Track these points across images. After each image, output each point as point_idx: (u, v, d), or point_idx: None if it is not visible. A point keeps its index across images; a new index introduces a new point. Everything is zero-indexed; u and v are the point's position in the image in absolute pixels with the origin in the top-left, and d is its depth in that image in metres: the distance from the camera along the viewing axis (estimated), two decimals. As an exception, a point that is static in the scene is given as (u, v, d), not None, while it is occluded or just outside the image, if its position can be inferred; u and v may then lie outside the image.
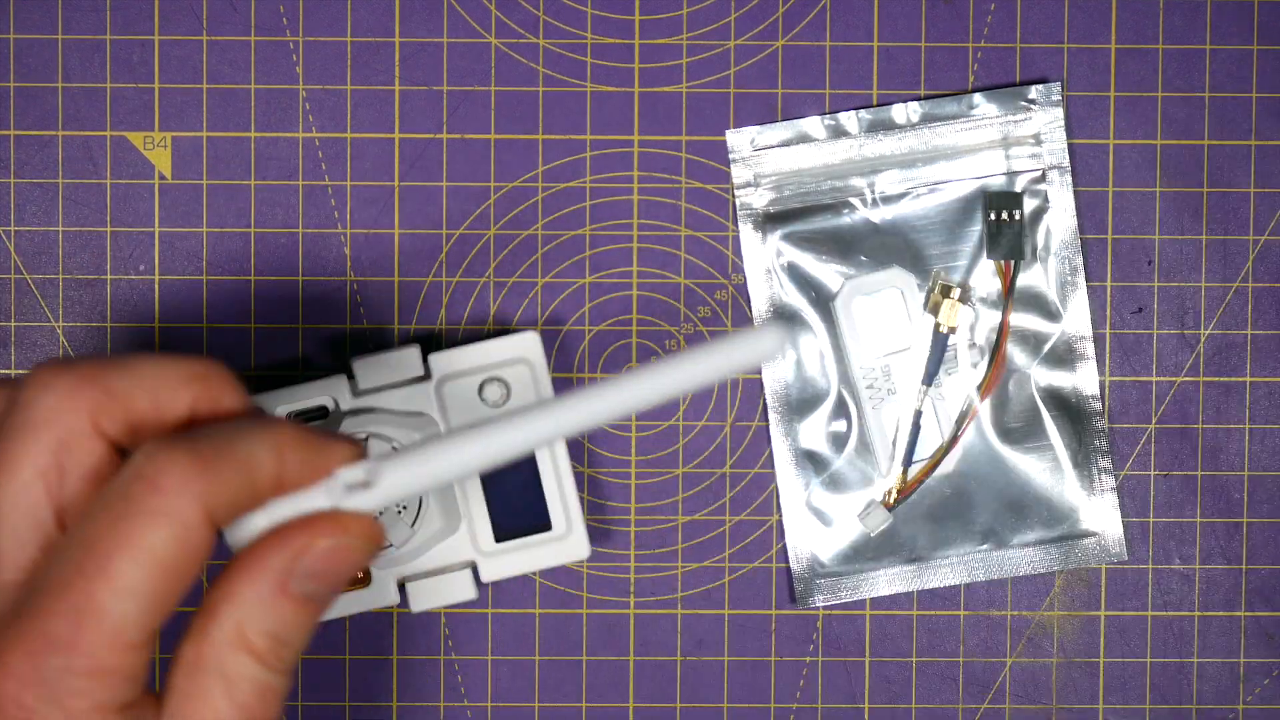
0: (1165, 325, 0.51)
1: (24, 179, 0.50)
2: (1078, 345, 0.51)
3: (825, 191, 0.50)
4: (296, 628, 0.40)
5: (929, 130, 0.50)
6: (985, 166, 0.50)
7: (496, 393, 0.47)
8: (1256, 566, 0.51)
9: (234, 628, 0.39)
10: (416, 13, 0.51)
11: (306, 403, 0.47)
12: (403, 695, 0.51)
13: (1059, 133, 0.50)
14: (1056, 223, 0.50)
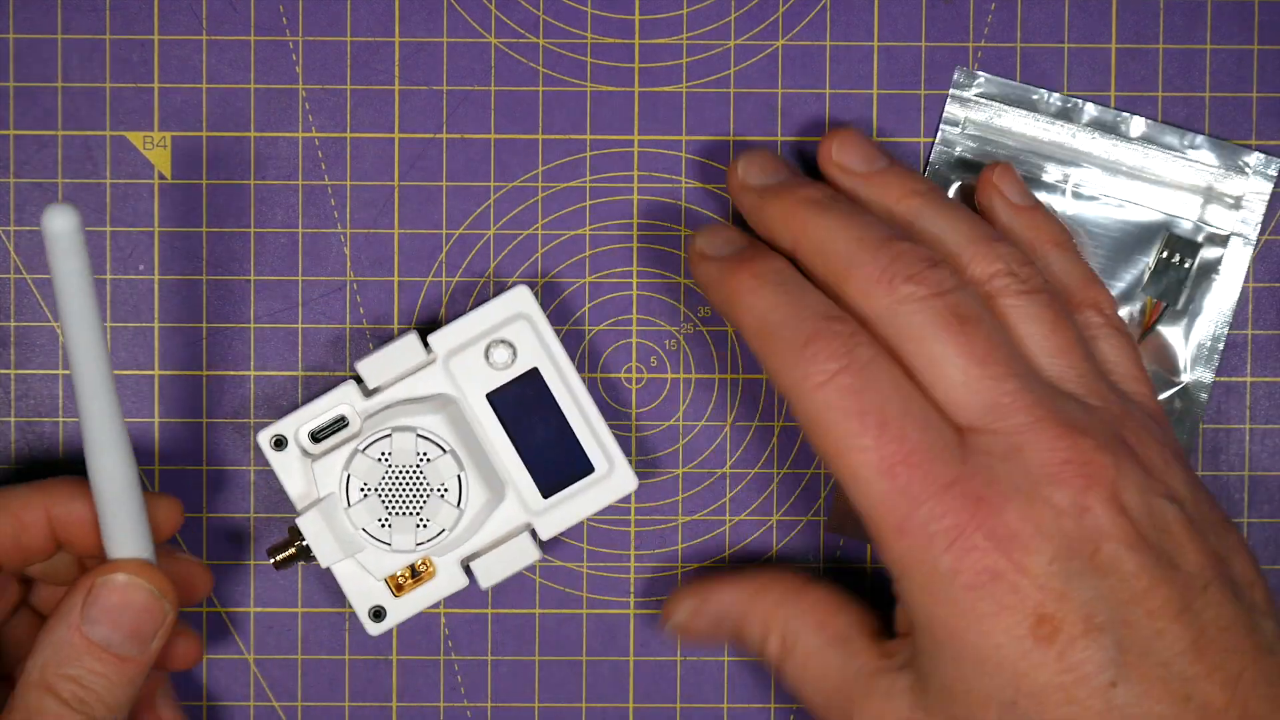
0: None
1: (24, 179, 0.50)
2: (1189, 407, 0.50)
3: (1022, 162, 0.50)
4: (98, 675, 0.42)
5: (1143, 150, 0.50)
6: (1178, 206, 0.50)
7: (503, 355, 0.46)
8: (1256, 566, 0.51)
9: (39, 668, 0.42)
10: (416, 13, 0.51)
11: (322, 419, 0.46)
12: (403, 695, 0.51)
13: (1260, 205, 0.50)
14: (1219, 288, 0.50)
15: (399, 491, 0.45)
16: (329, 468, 0.45)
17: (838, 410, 0.40)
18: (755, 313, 0.42)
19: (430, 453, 0.45)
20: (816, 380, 0.40)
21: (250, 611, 0.51)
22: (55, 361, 0.50)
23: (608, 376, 0.51)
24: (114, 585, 0.42)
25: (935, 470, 0.39)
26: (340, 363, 0.50)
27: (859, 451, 0.39)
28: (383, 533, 0.45)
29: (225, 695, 0.51)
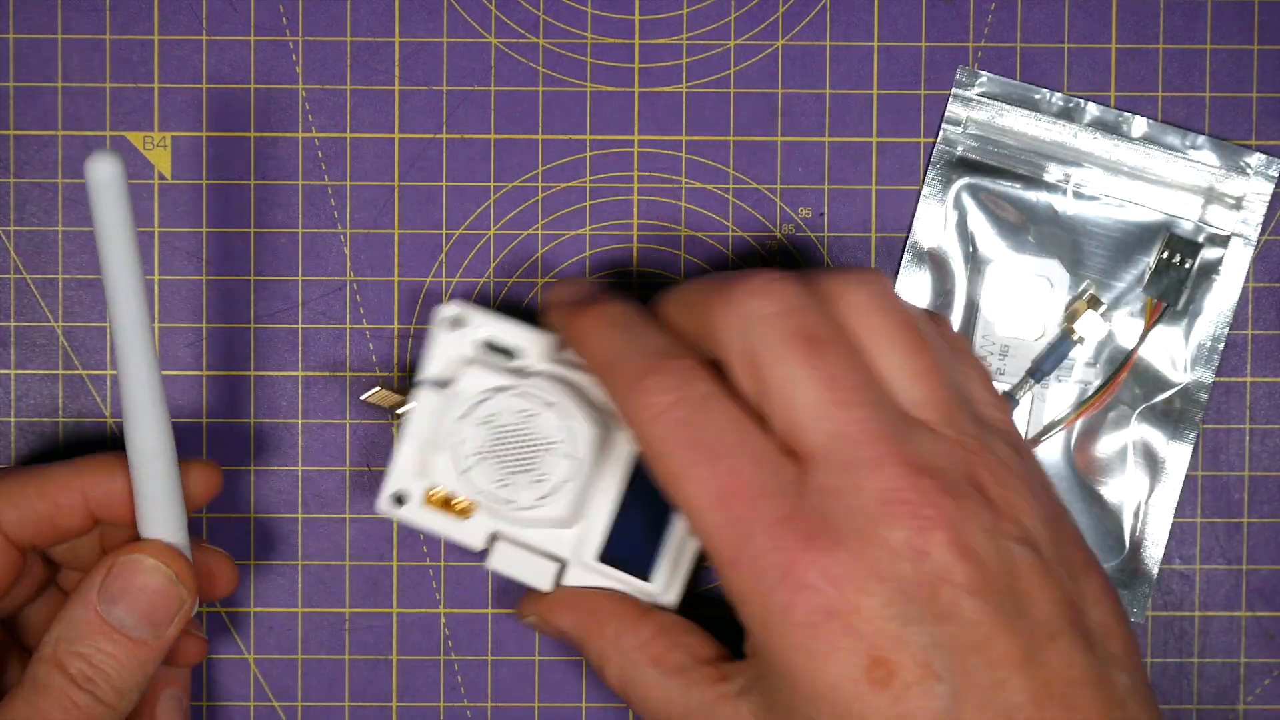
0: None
1: (24, 179, 0.50)
2: (1188, 408, 0.50)
3: (1024, 161, 0.50)
4: (108, 655, 0.42)
5: (1144, 150, 0.50)
6: (1180, 206, 0.50)
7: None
8: (1256, 566, 0.51)
9: (53, 643, 0.42)
10: (416, 13, 0.50)
11: (509, 338, 0.45)
12: (403, 695, 0.51)
13: (1260, 206, 0.50)
14: (1219, 288, 0.50)
15: (510, 448, 0.44)
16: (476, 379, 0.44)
17: (672, 441, 0.39)
18: (596, 349, 0.42)
19: (556, 445, 0.44)
20: (652, 411, 0.39)
21: (250, 611, 0.51)
22: (55, 362, 0.50)
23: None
24: (133, 566, 0.42)
25: (768, 504, 0.38)
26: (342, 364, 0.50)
27: (692, 482, 0.39)
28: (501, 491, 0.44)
29: (225, 695, 0.51)
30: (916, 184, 0.51)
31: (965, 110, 0.50)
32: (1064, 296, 0.50)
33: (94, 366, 0.50)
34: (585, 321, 0.43)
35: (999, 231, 0.50)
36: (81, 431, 0.50)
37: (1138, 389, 0.50)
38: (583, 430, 0.44)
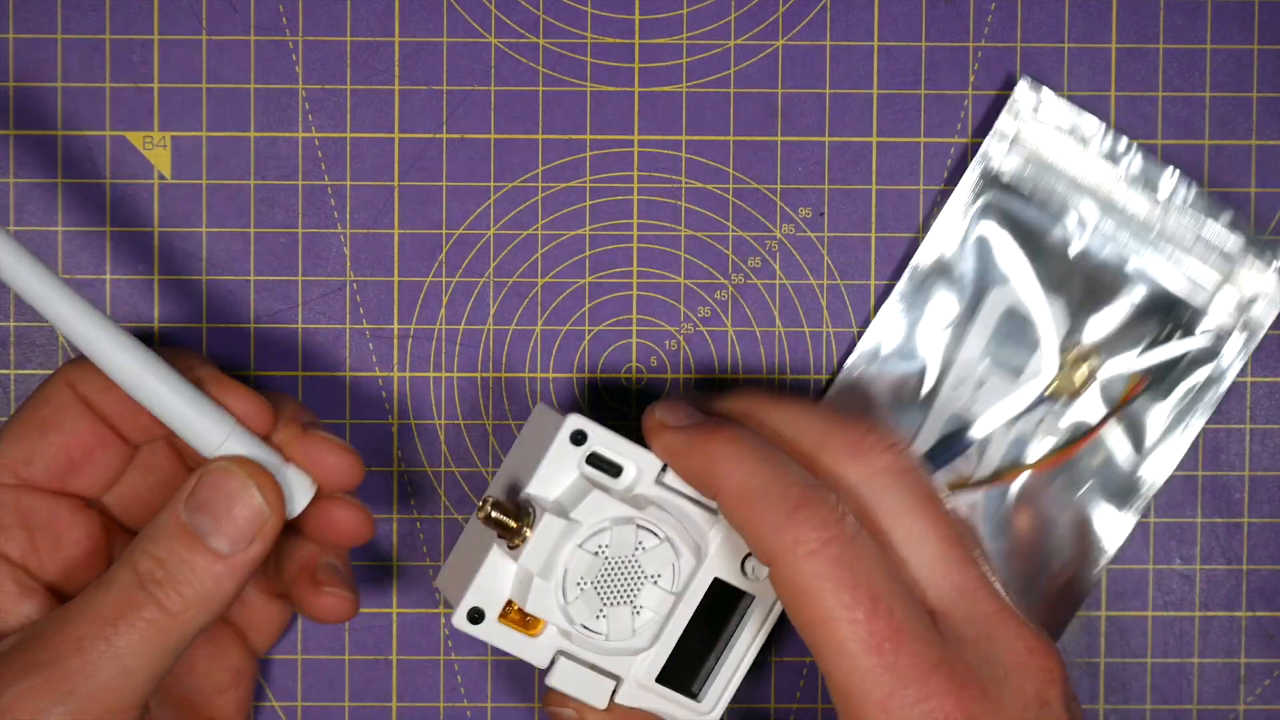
0: (1165, 325, 0.51)
1: (24, 179, 0.50)
2: (1136, 493, 0.50)
3: (1058, 195, 0.50)
4: (181, 561, 0.40)
5: (1177, 216, 0.49)
6: (1192, 288, 0.50)
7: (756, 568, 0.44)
8: (1256, 566, 0.51)
9: (132, 544, 0.41)
10: (416, 13, 0.50)
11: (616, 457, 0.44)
12: (403, 695, 0.51)
13: (1271, 310, 0.50)
14: (1207, 381, 0.50)
15: (615, 581, 0.43)
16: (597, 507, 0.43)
17: (829, 580, 0.39)
18: (736, 478, 0.41)
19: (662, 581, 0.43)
20: (808, 548, 0.39)
21: (250, 611, 0.51)
22: (55, 361, 0.50)
23: (608, 376, 0.51)
24: (221, 475, 0.41)
25: (921, 650, 0.39)
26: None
27: (849, 624, 0.39)
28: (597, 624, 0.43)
29: (225, 695, 0.51)
30: (917, 184, 0.51)
31: (1016, 125, 0.50)
32: (1056, 343, 0.50)
33: (94, 366, 0.50)
34: (718, 448, 0.42)
35: (1012, 257, 0.50)
36: (81, 431, 0.50)
37: (1095, 459, 0.50)
38: (687, 566, 0.43)
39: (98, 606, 0.40)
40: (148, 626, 0.40)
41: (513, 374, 0.51)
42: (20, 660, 0.40)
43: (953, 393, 0.49)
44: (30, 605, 0.42)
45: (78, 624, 0.40)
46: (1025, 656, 0.40)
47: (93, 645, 0.39)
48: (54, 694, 0.39)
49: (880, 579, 0.39)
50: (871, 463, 0.42)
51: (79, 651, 0.39)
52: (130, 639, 0.40)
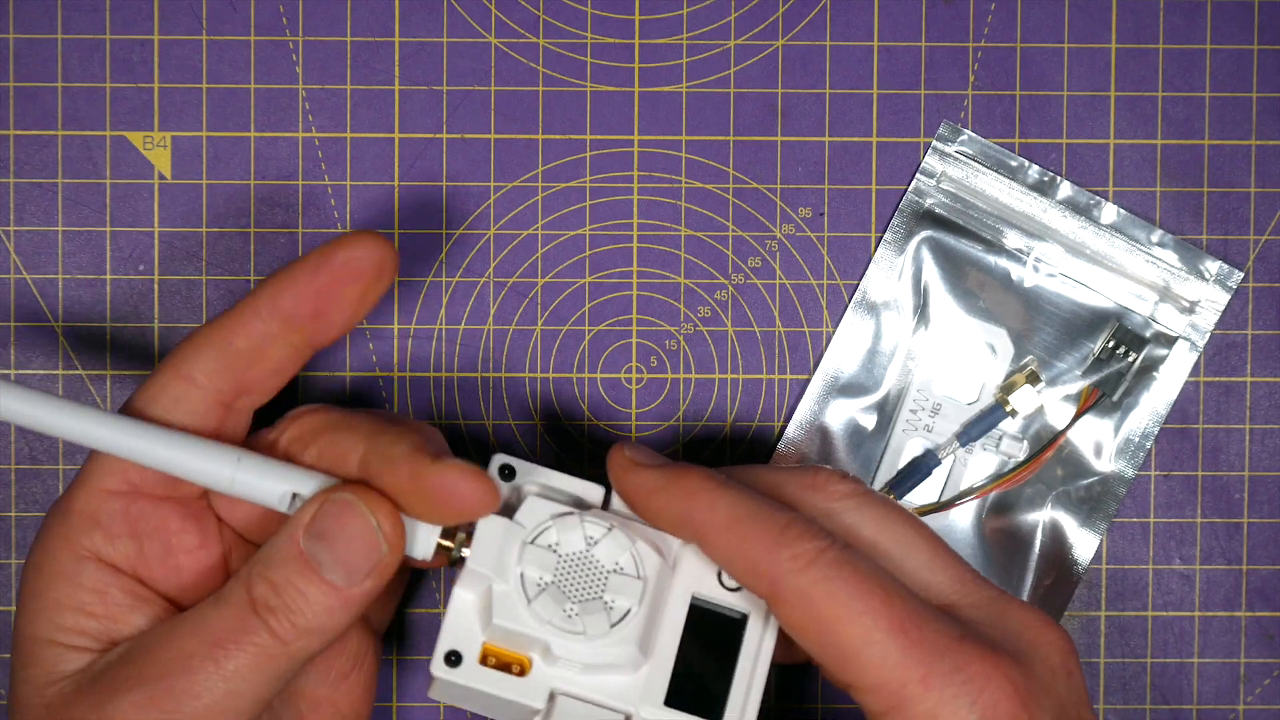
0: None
1: (24, 179, 0.50)
2: (1105, 499, 0.50)
3: (989, 226, 0.50)
4: (296, 590, 0.40)
5: (1109, 237, 0.50)
6: (1134, 299, 0.50)
7: (735, 581, 0.43)
8: (1256, 566, 0.51)
9: (250, 563, 0.41)
10: (416, 13, 0.51)
11: (568, 490, 0.44)
12: (403, 695, 0.51)
13: (1212, 315, 0.50)
14: (1156, 387, 0.50)
15: (576, 577, 0.42)
16: (536, 508, 0.42)
17: (835, 581, 0.39)
18: (721, 509, 0.41)
19: (625, 570, 0.42)
20: (807, 558, 0.39)
21: (250, 611, 0.51)
22: (55, 362, 0.50)
23: (608, 376, 0.51)
24: (342, 507, 0.40)
25: (942, 627, 0.39)
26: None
27: (867, 615, 0.39)
28: (571, 623, 0.42)
29: (225, 695, 0.51)
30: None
31: (941, 164, 0.50)
32: (1005, 366, 0.50)
33: (94, 366, 0.50)
34: (696, 482, 0.42)
35: (952, 290, 0.50)
36: (81, 431, 0.50)
37: (1059, 471, 0.50)
38: (648, 554, 0.42)
39: (208, 626, 0.40)
40: (258, 652, 0.39)
41: (513, 374, 0.51)
42: (127, 673, 0.39)
43: (910, 419, 0.50)
44: (141, 616, 0.41)
45: (186, 642, 0.39)
46: (1040, 632, 0.41)
47: (201, 666, 0.39)
48: (158, 711, 0.39)
49: (883, 574, 0.40)
50: (831, 493, 0.42)
51: (186, 671, 0.39)
52: (239, 663, 0.39)
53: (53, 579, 0.41)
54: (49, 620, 0.41)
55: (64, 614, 0.41)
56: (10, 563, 0.51)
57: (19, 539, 0.50)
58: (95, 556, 0.41)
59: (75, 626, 0.41)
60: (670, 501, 0.42)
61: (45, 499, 0.50)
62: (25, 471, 0.50)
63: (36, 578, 0.42)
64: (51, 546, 0.42)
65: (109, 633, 0.41)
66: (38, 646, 0.41)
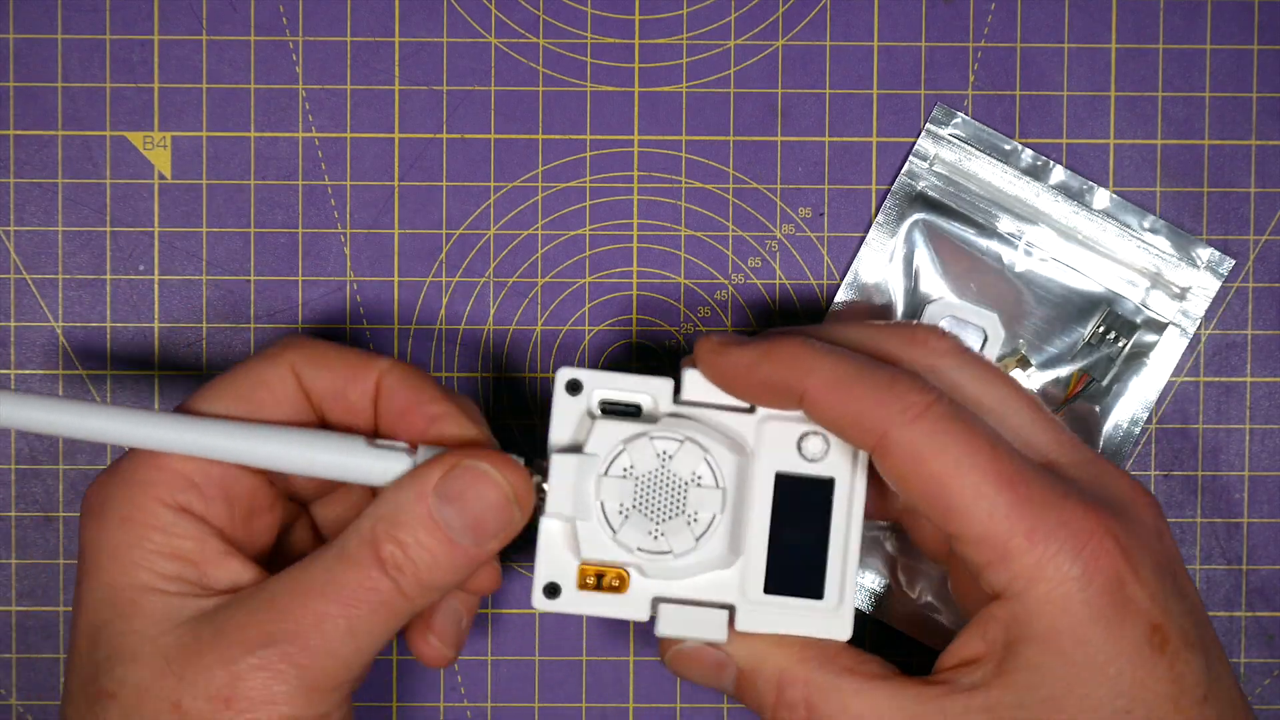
0: (1165, 325, 0.51)
1: (24, 179, 0.50)
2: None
3: (982, 210, 0.50)
4: (425, 550, 0.41)
5: (1101, 222, 0.50)
6: (1125, 285, 0.50)
7: (815, 448, 0.43)
8: (1256, 566, 0.51)
9: (372, 521, 0.41)
10: (416, 13, 0.51)
11: (626, 395, 0.43)
12: (403, 695, 0.51)
13: (1203, 303, 0.50)
14: (1146, 373, 0.50)
15: (655, 496, 0.43)
16: (606, 434, 0.43)
17: (945, 434, 0.40)
18: (824, 369, 0.41)
19: (703, 480, 0.43)
20: (916, 410, 0.40)
21: (250, 611, 0.51)
22: (55, 362, 0.50)
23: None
24: (477, 473, 0.41)
25: (1047, 484, 0.40)
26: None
27: (977, 469, 0.39)
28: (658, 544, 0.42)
29: (225, 695, 0.51)
30: (916, 184, 0.51)
31: (935, 147, 0.50)
32: (996, 350, 0.50)
33: (94, 366, 0.50)
34: (796, 348, 0.42)
35: (944, 273, 0.50)
36: (81, 431, 0.50)
37: None
38: (725, 457, 0.43)
39: (340, 584, 0.40)
40: (385, 609, 0.40)
41: (513, 374, 0.51)
42: (257, 628, 0.40)
43: None
44: (235, 566, 0.42)
45: (319, 601, 0.40)
46: (1135, 494, 0.41)
47: (334, 623, 0.40)
48: (292, 667, 0.40)
49: (990, 429, 0.40)
50: (933, 348, 0.42)
51: (319, 629, 0.40)
52: (369, 620, 0.40)
53: (147, 530, 0.41)
54: (149, 569, 0.41)
55: (163, 562, 0.41)
56: (10, 563, 0.51)
57: (19, 539, 0.51)
58: (190, 511, 0.42)
59: (176, 574, 0.41)
60: (772, 371, 0.42)
61: (45, 499, 0.50)
62: (25, 471, 0.50)
63: (128, 530, 0.41)
64: (141, 499, 0.42)
65: (205, 580, 0.42)
66: (141, 595, 0.41)
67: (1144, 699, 0.39)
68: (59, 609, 0.51)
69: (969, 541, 0.40)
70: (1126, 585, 0.39)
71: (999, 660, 0.40)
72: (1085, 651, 0.39)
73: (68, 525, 0.51)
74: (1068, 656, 0.39)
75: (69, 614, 0.50)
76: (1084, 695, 0.39)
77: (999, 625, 0.40)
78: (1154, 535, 0.41)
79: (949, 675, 0.41)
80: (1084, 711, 0.39)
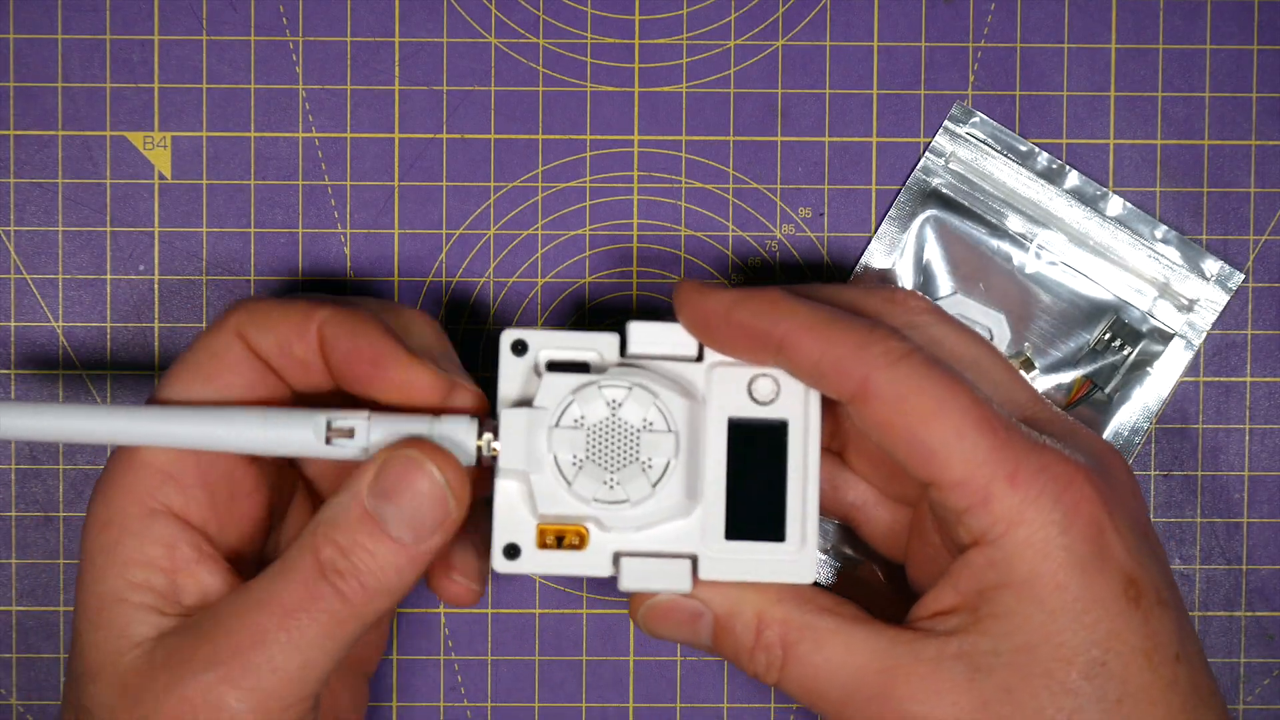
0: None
1: (24, 179, 0.50)
2: None
3: (995, 210, 0.50)
4: (365, 551, 0.40)
5: (1113, 230, 0.50)
6: (1133, 293, 0.50)
7: (766, 391, 0.43)
8: (1256, 566, 0.51)
9: (313, 527, 0.40)
10: (416, 13, 0.51)
11: (570, 353, 0.43)
12: (403, 695, 0.51)
13: (1210, 315, 0.50)
14: (1149, 383, 0.50)
15: (608, 445, 0.42)
16: (554, 387, 0.42)
17: (925, 377, 0.39)
18: (806, 313, 0.41)
19: (655, 425, 0.42)
20: (897, 354, 0.39)
21: (250, 611, 0.51)
22: (55, 361, 0.50)
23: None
24: (407, 464, 0.40)
25: (1025, 432, 0.40)
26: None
27: (958, 411, 0.39)
28: (614, 493, 0.42)
29: (225, 695, 0.51)
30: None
31: (951, 145, 0.50)
32: (1001, 348, 0.50)
33: (94, 366, 0.50)
34: (776, 295, 0.41)
35: (953, 271, 0.50)
36: (81, 431, 0.50)
37: None
38: (675, 402, 0.42)
39: (278, 598, 0.39)
40: (328, 619, 0.40)
41: (513, 374, 0.51)
42: (200, 649, 0.39)
43: None
44: (206, 573, 0.41)
45: (259, 616, 0.39)
46: (1110, 455, 0.41)
47: (274, 638, 0.39)
48: (236, 688, 0.39)
49: (969, 380, 0.40)
50: (911, 308, 0.42)
51: (261, 645, 0.39)
52: (312, 632, 0.39)
53: (122, 534, 0.41)
54: (119, 576, 0.41)
55: (133, 569, 0.41)
56: (10, 563, 0.51)
57: (19, 539, 0.51)
58: (167, 510, 0.41)
59: (144, 583, 0.41)
60: (751, 314, 0.41)
61: (45, 499, 0.50)
62: (25, 471, 0.50)
63: (104, 533, 0.41)
64: (120, 502, 0.41)
65: (175, 590, 0.41)
66: (107, 606, 0.41)
67: (1119, 651, 0.39)
68: (59, 609, 0.51)
69: (948, 487, 0.39)
70: (1105, 534, 0.39)
71: (973, 608, 0.40)
72: (1063, 598, 0.39)
73: (68, 525, 0.51)
74: (1045, 603, 0.39)
75: (69, 614, 0.50)
76: (1059, 643, 0.39)
77: (974, 574, 0.40)
78: (1129, 492, 0.41)
79: (923, 624, 0.40)
80: (1058, 661, 0.39)
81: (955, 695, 0.39)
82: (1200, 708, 0.39)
